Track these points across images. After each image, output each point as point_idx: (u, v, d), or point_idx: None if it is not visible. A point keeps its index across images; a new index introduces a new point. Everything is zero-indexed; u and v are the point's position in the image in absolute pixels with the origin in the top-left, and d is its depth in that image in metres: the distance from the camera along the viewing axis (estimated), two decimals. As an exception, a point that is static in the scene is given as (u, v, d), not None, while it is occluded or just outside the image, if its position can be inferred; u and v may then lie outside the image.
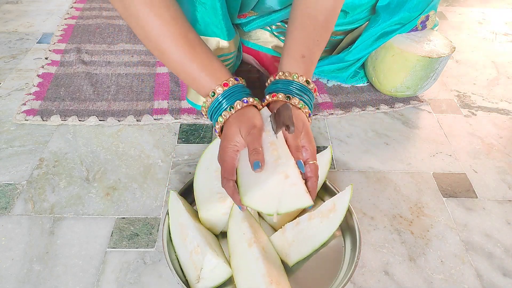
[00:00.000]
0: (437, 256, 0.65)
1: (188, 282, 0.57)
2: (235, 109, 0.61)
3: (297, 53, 0.67)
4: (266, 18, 0.89)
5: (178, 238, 0.61)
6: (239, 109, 0.61)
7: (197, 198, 0.65)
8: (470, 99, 0.98)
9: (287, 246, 0.61)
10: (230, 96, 0.62)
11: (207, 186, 0.65)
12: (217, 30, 0.75)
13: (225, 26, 0.74)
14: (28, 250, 0.63)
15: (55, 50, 1.07)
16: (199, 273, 0.56)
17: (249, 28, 0.92)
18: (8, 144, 0.81)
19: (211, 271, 0.56)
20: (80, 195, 0.72)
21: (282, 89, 0.65)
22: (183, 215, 0.62)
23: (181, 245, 0.60)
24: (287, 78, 0.66)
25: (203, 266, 0.56)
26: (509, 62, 1.13)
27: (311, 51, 0.68)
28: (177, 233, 0.61)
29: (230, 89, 0.62)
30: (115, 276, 0.61)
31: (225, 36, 0.76)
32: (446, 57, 0.86)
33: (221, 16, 0.72)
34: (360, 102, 0.94)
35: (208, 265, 0.56)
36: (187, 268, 0.58)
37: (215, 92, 0.62)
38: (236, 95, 0.62)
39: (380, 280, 0.61)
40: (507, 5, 1.43)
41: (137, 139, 0.83)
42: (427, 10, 0.88)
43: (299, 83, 0.65)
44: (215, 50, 0.77)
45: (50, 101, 0.91)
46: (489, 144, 0.86)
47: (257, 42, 0.97)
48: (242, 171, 0.58)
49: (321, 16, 0.68)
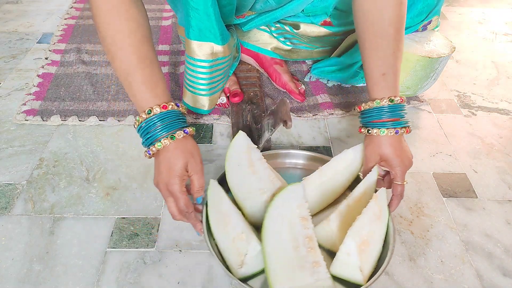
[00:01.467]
0: (437, 256, 0.65)
1: (229, 267, 0.59)
2: (176, 139, 0.60)
3: (377, 74, 0.66)
4: (265, 17, 0.89)
5: (219, 225, 0.62)
6: (179, 139, 0.60)
7: (238, 196, 0.66)
8: (470, 99, 0.98)
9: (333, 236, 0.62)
10: (168, 122, 0.61)
11: (245, 183, 0.66)
12: (210, 35, 0.74)
13: (218, 31, 0.74)
14: (28, 250, 0.63)
15: (55, 50, 1.07)
16: (243, 259, 0.58)
17: (248, 28, 0.92)
18: (8, 144, 0.81)
19: (255, 257, 0.58)
20: (80, 195, 0.72)
21: (368, 124, 0.67)
22: (225, 203, 0.63)
23: (222, 231, 0.61)
24: (372, 107, 0.66)
25: (247, 252, 0.58)
26: (509, 62, 1.13)
27: (391, 65, 0.66)
28: (217, 220, 0.62)
29: (168, 113, 0.61)
30: (115, 276, 0.61)
31: (219, 40, 0.76)
32: (446, 57, 0.86)
33: (214, 21, 0.72)
34: (360, 102, 0.93)
35: (252, 251, 0.58)
36: (229, 254, 0.59)
37: (152, 111, 0.60)
38: (174, 123, 0.61)
39: (380, 280, 0.61)
40: (507, 5, 1.43)
41: (137, 139, 0.83)
42: (430, 16, 0.88)
43: (384, 106, 0.65)
44: (209, 55, 0.77)
45: (50, 101, 0.91)
46: (489, 144, 0.86)
47: (256, 43, 0.97)
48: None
49: (391, 29, 0.65)
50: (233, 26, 0.89)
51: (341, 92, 0.97)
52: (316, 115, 0.90)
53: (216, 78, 0.82)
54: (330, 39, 0.96)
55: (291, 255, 0.57)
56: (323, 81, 1.00)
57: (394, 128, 0.65)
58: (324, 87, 0.98)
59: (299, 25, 0.93)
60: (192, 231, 0.66)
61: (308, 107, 0.92)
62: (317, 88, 0.97)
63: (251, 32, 0.96)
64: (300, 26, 0.93)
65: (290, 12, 0.88)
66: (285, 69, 0.97)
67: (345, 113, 0.91)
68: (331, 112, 0.91)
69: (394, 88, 0.66)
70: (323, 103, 0.93)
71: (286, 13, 0.87)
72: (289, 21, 0.93)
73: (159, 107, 0.60)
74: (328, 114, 0.91)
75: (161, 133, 0.60)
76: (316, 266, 0.56)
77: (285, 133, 0.86)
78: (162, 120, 0.60)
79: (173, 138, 0.60)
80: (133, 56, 0.61)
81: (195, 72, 0.79)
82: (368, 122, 0.67)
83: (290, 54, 0.99)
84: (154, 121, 0.60)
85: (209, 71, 0.79)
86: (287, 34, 0.95)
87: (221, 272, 0.61)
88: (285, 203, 0.61)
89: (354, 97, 0.96)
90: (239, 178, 0.67)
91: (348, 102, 0.94)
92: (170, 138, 0.60)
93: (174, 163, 0.60)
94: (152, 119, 0.60)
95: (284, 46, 0.96)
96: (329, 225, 0.62)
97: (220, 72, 0.82)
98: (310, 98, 0.95)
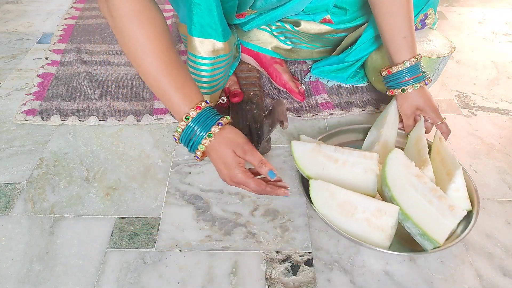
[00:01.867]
0: (437, 256, 0.65)
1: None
2: (214, 135, 0.63)
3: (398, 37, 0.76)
4: (265, 16, 0.89)
5: (343, 216, 0.64)
6: (217, 133, 0.63)
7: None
8: (470, 99, 0.98)
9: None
10: (203, 122, 0.63)
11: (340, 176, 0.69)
12: (212, 32, 0.75)
13: (220, 27, 0.75)
14: (28, 250, 0.63)
15: (55, 50, 1.07)
16: (390, 232, 0.62)
17: (248, 28, 0.92)
18: (8, 144, 0.81)
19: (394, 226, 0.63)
20: (80, 195, 0.72)
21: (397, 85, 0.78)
22: (338, 193, 0.65)
23: (348, 220, 0.63)
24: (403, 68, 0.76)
25: (393, 224, 0.62)
26: (509, 62, 1.13)
27: (409, 28, 0.76)
28: (337, 213, 0.64)
29: (201, 113, 0.63)
30: (115, 276, 0.61)
31: (221, 37, 0.76)
32: (446, 57, 0.86)
33: (216, 17, 0.73)
34: (360, 102, 0.94)
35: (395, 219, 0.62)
36: (367, 236, 0.62)
37: (189, 116, 0.63)
38: (208, 120, 0.63)
39: (380, 280, 0.61)
40: (507, 5, 1.43)
41: (137, 139, 0.83)
42: (426, 8, 0.88)
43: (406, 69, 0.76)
44: (211, 52, 0.77)
45: (50, 101, 0.91)
46: (489, 144, 0.86)
47: (256, 43, 0.97)
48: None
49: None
50: (233, 25, 0.89)
51: (341, 92, 0.97)
52: (316, 115, 0.90)
53: (217, 76, 0.82)
54: (330, 38, 0.96)
55: (431, 209, 0.63)
56: (323, 81, 1.00)
57: (421, 81, 0.76)
58: (324, 87, 0.98)
59: (300, 23, 0.93)
60: (192, 231, 0.67)
61: (308, 107, 0.92)
62: (317, 88, 0.97)
63: (251, 32, 0.96)
64: (301, 23, 0.93)
65: (290, 11, 0.88)
66: (285, 68, 0.97)
67: (345, 113, 0.91)
68: (331, 112, 0.91)
69: (414, 48, 0.77)
70: (323, 103, 0.93)
71: (286, 12, 0.87)
72: (289, 19, 0.94)
73: (194, 110, 0.63)
74: (328, 114, 0.91)
75: (200, 136, 0.63)
76: (452, 209, 0.63)
77: (285, 133, 0.86)
78: (198, 122, 0.63)
79: (210, 136, 0.62)
80: (161, 63, 0.62)
81: (196, 69, 0.79)
82: (399, 83, 0.77)
83: (290, 54, 0.99)
84: (191, 127, 0.63)
85: (210, 68, 0.79)
86: (287, 33, 0.95)
87: (221, 272, 0.62)
88: (396, 170, 0.66)
89: (354, 97, 0.96)
90: (337, 176, 0.69)
91: (348, 102, 0.94)
92: (208, 137, 0.62)
93: (225, 157, 0.63)
94: (189, 126, 0.63)
95: (284, 46, 0.96)
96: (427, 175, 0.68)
97: (221, 70, 0.82)
98: (310, 98, 0.95)
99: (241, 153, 0.63)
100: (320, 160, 0.69)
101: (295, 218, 0.69)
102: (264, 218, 0.69)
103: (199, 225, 0.68)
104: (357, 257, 0.64)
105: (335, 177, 0.68)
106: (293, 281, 0.61)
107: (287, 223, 0.69)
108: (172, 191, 0.73)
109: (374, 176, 0.67)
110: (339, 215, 0.64)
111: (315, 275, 0.62)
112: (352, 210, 0.63)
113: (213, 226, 0.68)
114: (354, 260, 0.64)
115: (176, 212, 0.70)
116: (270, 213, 0.70)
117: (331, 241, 0.66)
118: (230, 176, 0.63)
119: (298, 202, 0.72)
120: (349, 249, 0.65)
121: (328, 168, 0.69)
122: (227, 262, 0.63)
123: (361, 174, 0.68)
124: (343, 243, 0.66)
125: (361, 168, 0.68)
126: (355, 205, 0.63)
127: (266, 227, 0.68)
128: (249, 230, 0.68)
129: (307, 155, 0.70)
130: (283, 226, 0.68)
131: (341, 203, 0.64)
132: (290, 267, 0.63)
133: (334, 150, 0.70)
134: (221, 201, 0.72)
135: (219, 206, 0.71)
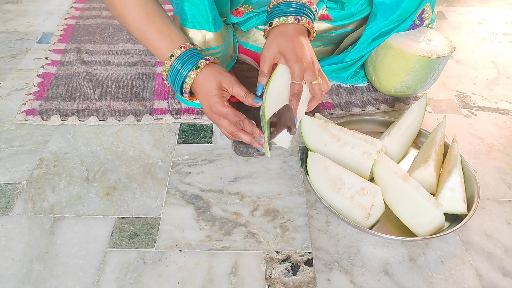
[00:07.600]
0: (437, 256, 0.65)
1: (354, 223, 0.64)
2: (201, 68, 0.66)
3: None
4: (263, 15, 0.88)
5: (330, 191, 0.67)
6: (204, 67, 0.66)
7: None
8: (470, 99, 0.98)
9: (432, 180, 0.69)
10: (189, 59, 0.66)
11: (346, 156, 0.72)
12: (203, 21, 0.75)
13: (211, 15, 0.75)
14: (28, 250, 0.63)
15: (55, 50, 1.07)
16: (369, 211, 0.63)
17: (247, 27, 0.92)
18: (8, 144, 0.81)
19: (377, 206, 0.64)
20: (80, 195, 0.72)
21: (276, 15, 0.68)
22: (333, 168, 0.68)
23: (335, 195, 0.67)
24: (279, 1, 0.68)
25: (373, 203, 0.63)
26: (509, 62, 1.13)
27: None
28: (327, 187, 0.68)
29: (187, 52, 0.67)
30: (115, 276, 0.61)
31: (211, 27, 0.76)
32: (446, 57, 0.86)
33: (207, 4, 0.73)
34: (360, 102, 0.94)
35: (378, 201, 0.63)
36: (349, 212, 0.65)
37: (174, 55, 0.66)
38: (195, 57, 0.66)
39: (380, 280, 0.61)
40: (507, 5, 1.43)
41: (137, 139, 0.83)
42: (423, 3, 0.87)
43: (292, 2, 0.67)
44: (202, 44, 0.78)
45: (50, 101, 0.91)
46: (489, 144, 0.86)
47: (255, 43, 0.97)
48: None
49: None
50: (232, 25, 0.89)
51: (341, 92, 0.97)
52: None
53: None
54: (330, 36, 0.95)
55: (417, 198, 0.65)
56: (323, 81, 0.99)
57: (295, 16, 0.65)
58: (324, 87, 0.98)
59: None
60: (192, 231, 0.67)
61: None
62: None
63: (250, 32, 0.96)
64: None
65: None
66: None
67: (345, 113, 0.91)
68: (331, 112, 0.91)
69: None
70: (323, 103, 0.93)
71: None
72: None
73: (178, 49, 0.66)
74: (328, 114, 0.91)
75: (186, 69, 0.66)
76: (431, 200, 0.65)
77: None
78: (183, 59, 0.66)
79: (197, 68, 0.65)
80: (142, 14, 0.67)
81: None
82: (274, 18, 0.68)
83: (290, 54, 0.98)
84: (177, 63, 0.66)
85: None
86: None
87: (221, 272, 0.62)
88: (384, 169, 0.69)
89: (354, 97, 0.96)
90: (337, 154, 0.71)
91: (348, 102, 0.94)
92: (195, 69, 0.65)
93: (208, 86, 0.65)
94: (175, 63, 0.66)
95: (283, 46, 0.96)
96: (426, 170, 0.69)
97: None
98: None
99: (228, 83, 0.65)
100: (324, 137, 0.72)
101: (295, 218, 0.70)
102: (264, 218, 0.69)
103: (199, 225, 0.68)
104: (357, 257, 0.64)
105: (334, 155, 0.71)
106: (293, 281, 0.61)
107: (287, 223, 0.69)
108: (172, 191, 0.73)
109: (371, 160, 0.69)
110: (329, 189, 0.67)
111: (315, 275, 0.62)
112: (340, 185, 0.66)
113: (213, 226, 0.68)
114: (354, 260, 0.64)
115: (176, 212, 0.70)
116: (270, 213, 0.70)
117: (331, 241, 0.66)
118: (209, 105, 0.65)
119: (298, 202, 0.72)
120: (349, 249, 0.65)
121: (329, 145, 0.72)
122: (227, 262, 0.63)
123: (359, 156, 0.70)
124: (343, 243, 0.66)
125: (360, 151, 0.70)
126: (343, 181, 0.66)
127: (266, 227, 0.68)
128: (249, 230, 0.68)
129: (313, 130, 0.73)
130: (283, 226, 0.68)
131: (332, 177, 0.67)
132: (290, 267, 0.63)
133: (339, 129, 0.73)
134: (221, 201, 0.72)
135: (219, 206, 0.71)
